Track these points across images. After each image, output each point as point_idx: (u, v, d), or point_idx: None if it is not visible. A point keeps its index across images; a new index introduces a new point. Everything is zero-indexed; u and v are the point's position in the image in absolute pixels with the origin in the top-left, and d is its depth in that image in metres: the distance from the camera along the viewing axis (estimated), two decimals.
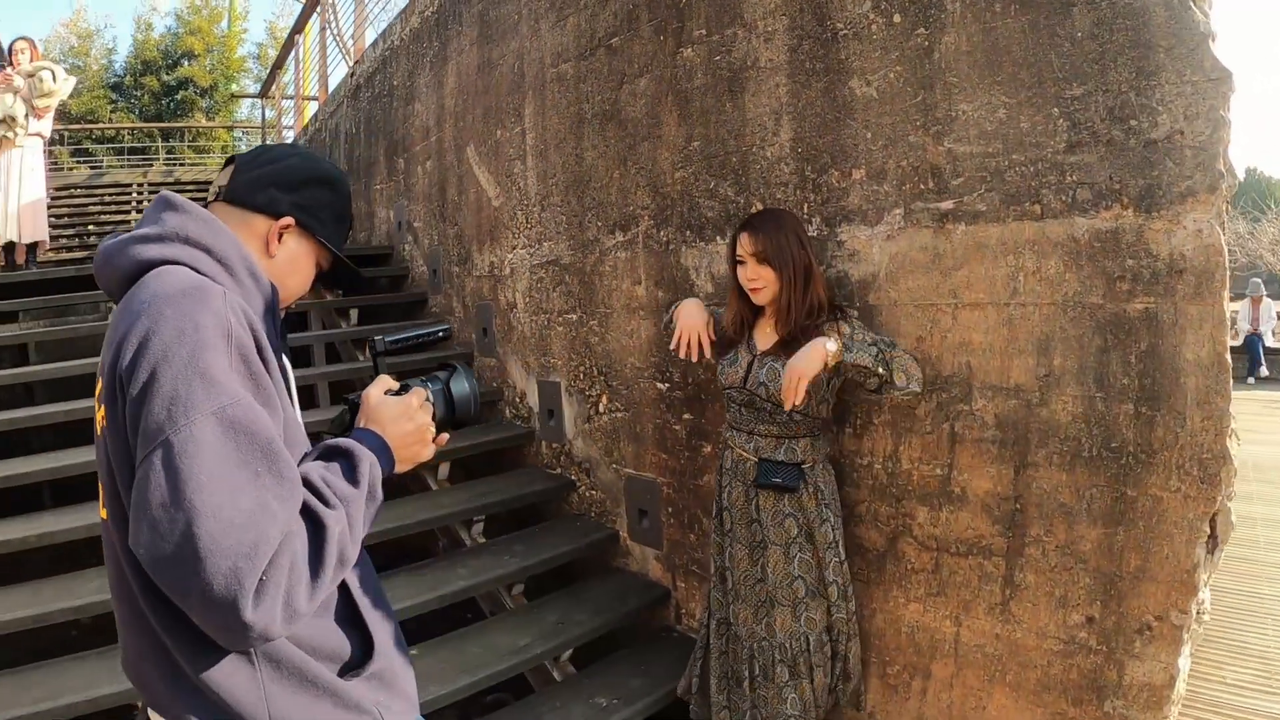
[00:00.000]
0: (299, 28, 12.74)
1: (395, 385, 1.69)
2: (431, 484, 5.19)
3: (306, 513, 1.33)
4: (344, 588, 1.55)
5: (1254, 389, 13.42)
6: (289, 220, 1.61)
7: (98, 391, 1.43)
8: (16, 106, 7.94)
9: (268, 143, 15.10)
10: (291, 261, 1.65)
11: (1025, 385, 2.81)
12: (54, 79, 8.11)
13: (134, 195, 15.77)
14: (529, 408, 5.48)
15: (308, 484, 1.38)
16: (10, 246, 8.00)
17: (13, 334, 5.83)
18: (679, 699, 3.62)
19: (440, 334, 1.98)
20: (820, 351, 2.77)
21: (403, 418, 1.62)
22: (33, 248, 8.17)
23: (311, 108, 12.75)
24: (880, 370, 2.82)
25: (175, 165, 22.60)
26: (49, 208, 8.74)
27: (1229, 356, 2.46)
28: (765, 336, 3.13)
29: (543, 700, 3.74)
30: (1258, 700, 3.81)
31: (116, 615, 1.48)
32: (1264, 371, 14.22)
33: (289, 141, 14.12)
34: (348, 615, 1.56)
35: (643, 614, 4.34)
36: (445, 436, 1.75)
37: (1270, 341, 15.07)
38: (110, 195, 15.74)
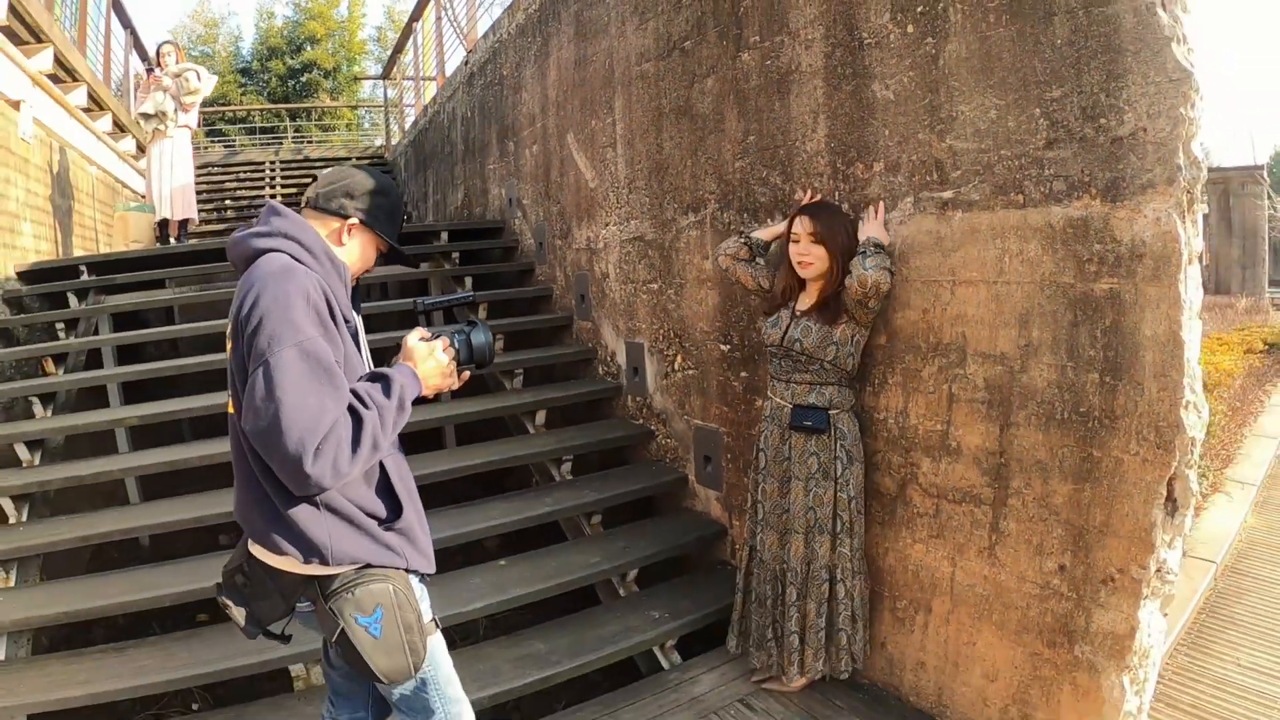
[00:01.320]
0: (417, 15, 13.48)
1: (428, 334, 2.39)
2: (529, 428, 5.92)
3: (352, 411, 2.05)
4: (383, 470, 2.29)
5: None
6: (355, 220, 2.36)
7: (228, 330, 2.14)
8: (166, 103, 8.92)
9: (388, 123, 15.87)
10: (358, 249, 2.40)
11: (1009, 353, 3.21)
12: (198, 78, 9.04)
13: (267, 172, 16.64)
14: (618, 365, 6.08)
15: (355, 394, 2.09)
16: (164, 223, 8.98)
17: (161, 299, 6.89)
18: (717, 618, 4.19)
19: (469, 298, 2.71)
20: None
21: (429, 357, 2.34)
22: (184, 224, 9.13)
23: (430, 88, 13.42)
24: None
25: (303, 143, 23.46)
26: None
27: (1184, 334, 2.74)
28: (802, 303, 3.71)
29: (608, 610, 4.43)
30: (1267, 684, 4.03)
31: (235, 476, 2.26)
32: None
33: (410, 120, 14.86)
34: (385, 488, 2.30)
35: (701, 547, 4.94)
36: (467, 374, 2.48)
37: None
38: (245, 173, 16.60)
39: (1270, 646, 4.39)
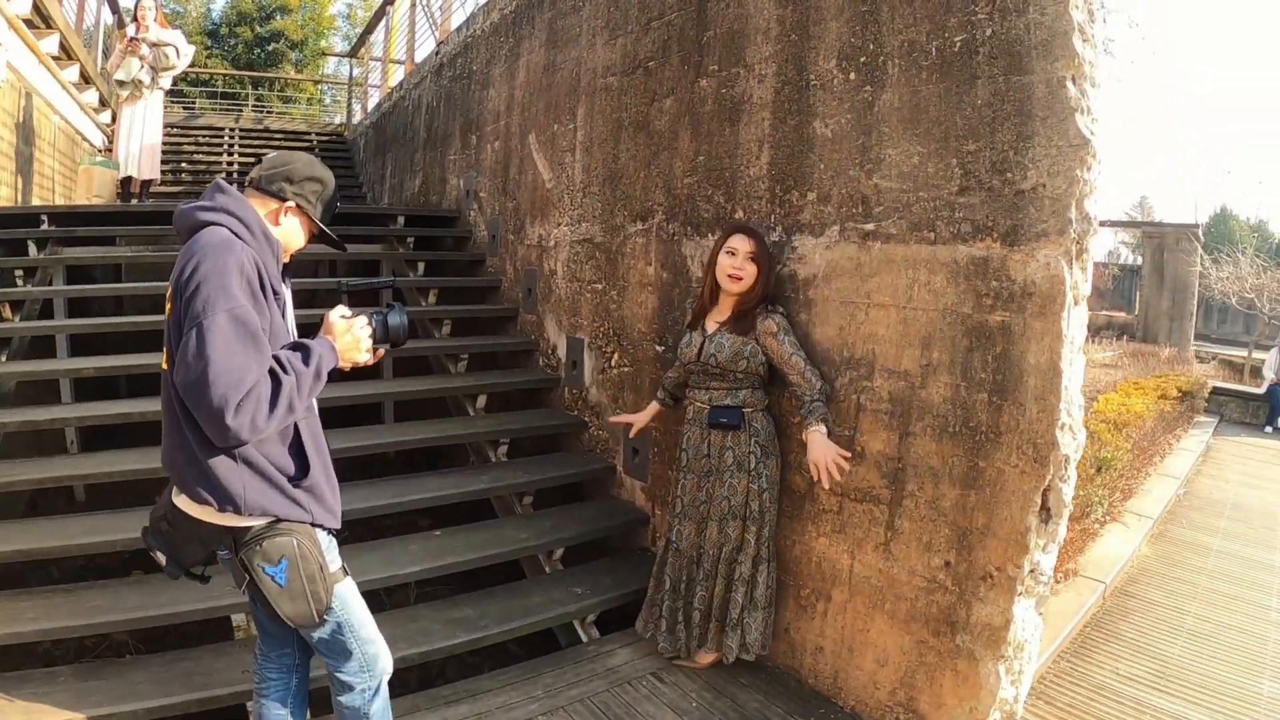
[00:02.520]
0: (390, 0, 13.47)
1: (349, 312, 2.64)
2: (470, 410, 6.20)
3: (272, 374, 2.29)
4: (297, 432, 2.52)
5: (1270, 438, 13.49)
6: (292, 204, 2.59)
7: (168, 293, 2.35)
8: (143, 73, 8.90)
9: (350, 102, 15.88)
10: (291, 230, 2.63)
11: (911, 371, 3.56)
12: (177, 54, 9.01)
13: (226, 138, 16.53)
14: (558, 358, 6.34)
15: (277, 359, 2.33)
16: (127, 181, 9.02)
17: (113, 256, 6.98)
18: (636, 598, 4.48)
19: (391, 283, 2.95)
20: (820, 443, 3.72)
21: (347, 332, 2.60)
22: (146, 184, 9.13)
23: (396, 72, 13.53)
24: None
25: (264, 113, 23.13)
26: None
27: (1063, 365, 3.07)
28: (713, 320, 4.06)
29: (534, 584, 4.72)
30: (1142, 692, 4.39)
31: (164, 427, 2.49)
32: None
33: (373, 101, 14.94)
34: (297, 448, 2.54)
35: (624, 532, 5.25)
36: (381, 351, 2.73)
37: None
38: (204, 137, 16.48)
39: (1147, 660, 4.79)
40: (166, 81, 9.35)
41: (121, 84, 9.03)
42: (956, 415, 3.40)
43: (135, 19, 9.11)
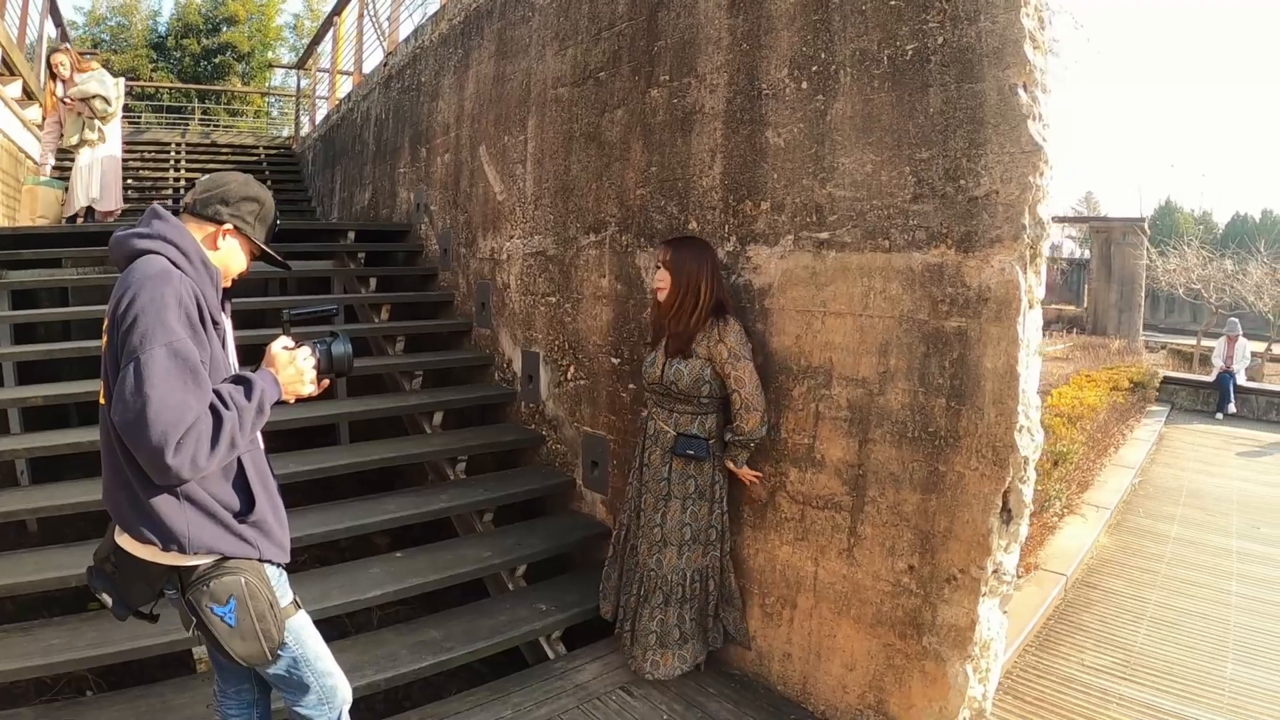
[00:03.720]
0: (338, 9, 13.35)
1: (292, 343, 2.58)
2: (427, 428, 6.15)
3: (213, 409, 2.22)
4: (240, 466, 2.45)
5: (1221, 424, 13.65)
6: (229, 227, 2.54)
7: (105, 324, 2.30)
8: (87, 132, 8.68)
9: (298, 114, 15.70)
10: (231, 253, 2.58)
11: (869, 378, 3.58)
12: (108, 104, 8.74)
13: (172, 154, 16.12)
14: (514, 373, 6.31)
15: (218, 394, 2.26)
16: (90, 211, 8.79)
17: (58, 279, 6.75)
18: (599, 614, 4.46)
19: (333, 311, 2.91)
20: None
21: (289, 364, 2.53)
22: (90, 209, 8.88)
23: (344, 83, 13.31)
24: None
25: (211, 127, 22.76)
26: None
27: (1020, 368, 3.11)
28: (671, 342, 4.01)
29: (498, 602, 4.67)
30: (1109, 681, 4.42)
31: (103, 465, 2.41)
32: (1232, 409, 14.30)
33: (321, 113, 14.77)
34: (241, 483, 2.46)
35: (587, 546, 5.22)
36: (326, 382, 2.68)
37: (1242, 380, 15.06)
38: (150, 152, 16.09)
39: (1111, 650, 4.83)
40: (114, 127, 9.12)
41: (75, 146, 8.81)
42: (915, 421, 3.43)
43: (53, 75, 8.81)
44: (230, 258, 2.58)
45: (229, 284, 2.63)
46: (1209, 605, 5.58)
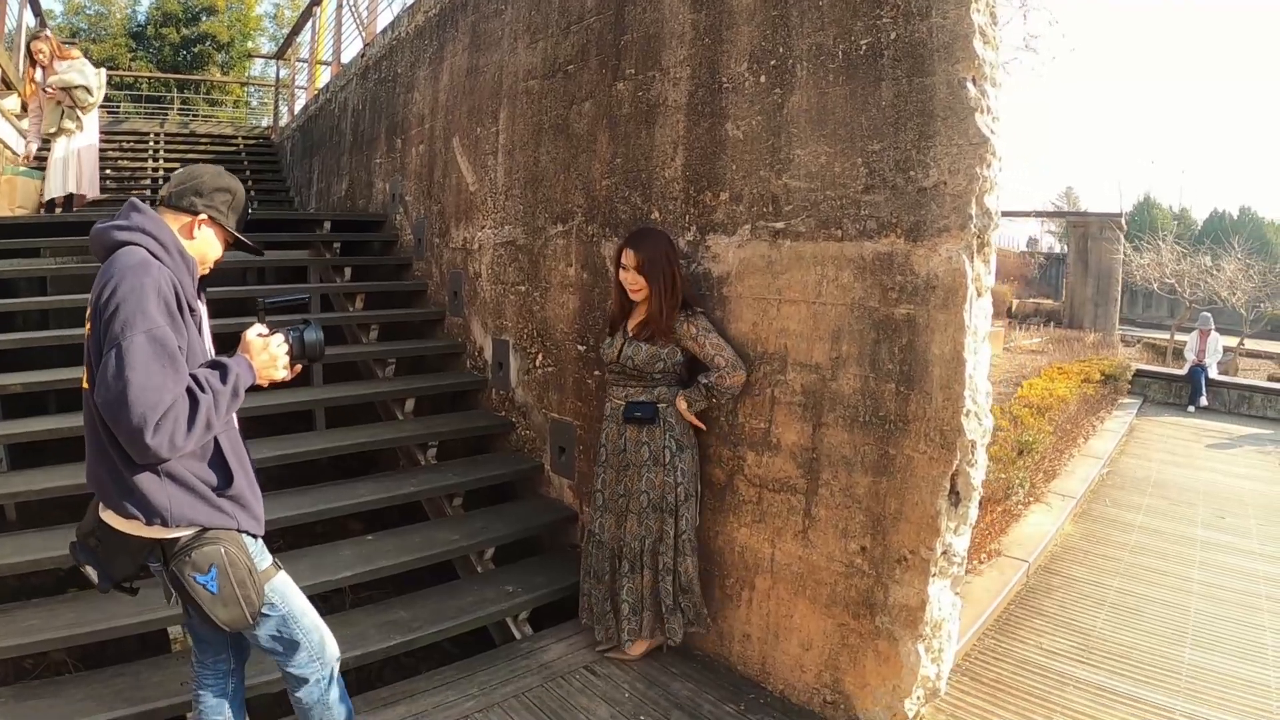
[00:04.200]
0: (317, 0, 13.30)
1: (266, 330, 2.71)
2: (399, 415, 6.21)
3: (190, 393, 2.35)
4: (217, 445, 2.58)
5: (1192, 417, 13.77)
6: (203, 216, 2.66)
7: (88, 313, 2.42)
8: (66, 121, 8.67)
9: (277, 104, 15.65)
10: (207, 241, 2.70)
11: (822, 364, 3.67)
12: (89, 93, 8.74)
13: (151, 143, 16.00)
14: (485, 360, 6.38)
15: (195, 378, 2.39)
16: (70, 197, 8.78)
17: (37, 268, 6.72)
18: (568, 594, 4.56)
19: (305, 299, 3.10)
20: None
21: (263, 350, 2.67)
22: (70, 198, 8.87)
23: (323, 74, 13.30)
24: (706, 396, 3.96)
25: (190, 117, 22.60)
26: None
27: (966, 354, 3.20)
28: (633, 322, 4.13)
29: (467, 583, 4.79)
30: (1066, 665, 4.48)
31: (87, 447, 2.56)
32: (1204, 402, 14.42)
33: (300, 103, 14.74)
34: (218, 460, 2.60)
35: (554, 530, 5.33)
36: (299, 367, 2.81)
37: (1214, 374, 15.21)
38: (129, 142, 15.92)
39: (1070, 634, 4.90)
40: (92, 117, 9.11)
41: (53, 135, 8.80)
42: (866, 405, 3.52)
43: (34, 62, 8.77)
44: (206, 246, 2.70)
45: (205, 272, 2.75)
46: (1170, 592, 5.67)
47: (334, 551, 4.58)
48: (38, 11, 13.31)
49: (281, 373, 2.73)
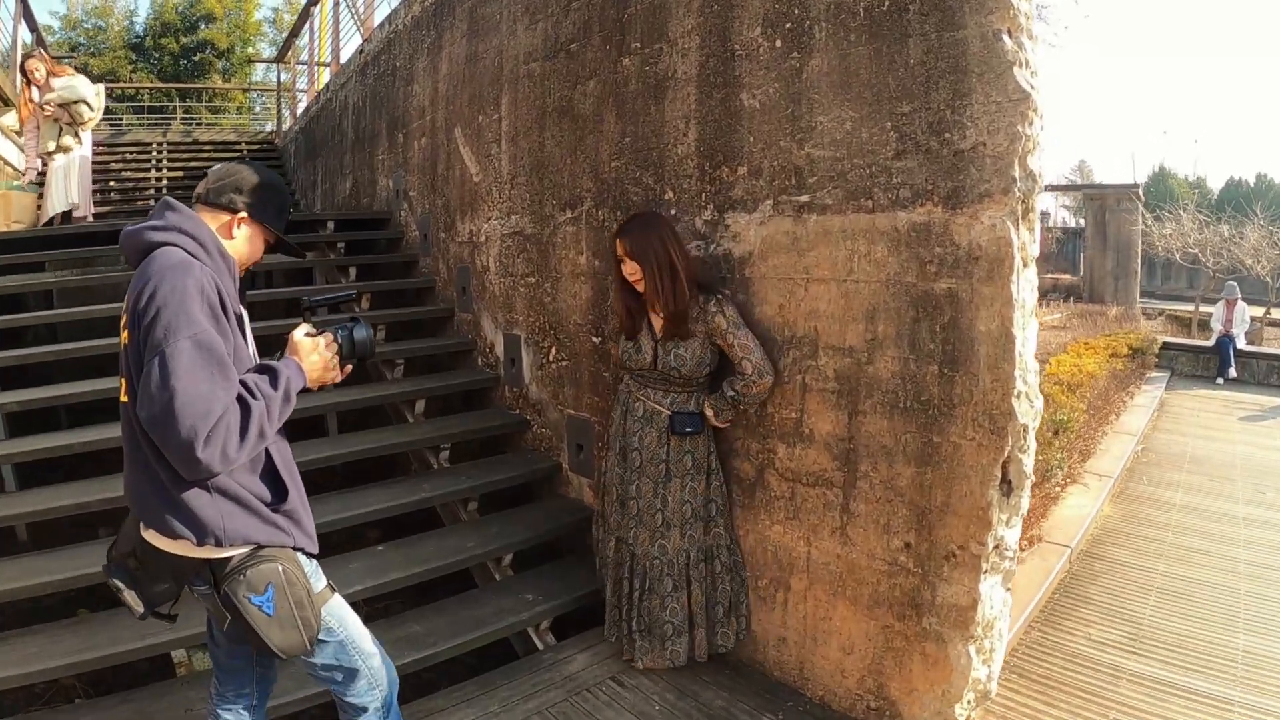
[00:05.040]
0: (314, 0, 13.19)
1: (313, 329, 2.54)
2: (409, 417, 6.02)
3: (241, 400, 2.17)
4: (268, 456, 2.41)
5: (1222, 389, 13.62)
6: (244, 214, 2.50)
7: (123, 321, 2.25)
8: (64, 138, 8.63)
9: (280, 109, 15.65)
10: (247, 241, 2.54)
11: (857, 347, 3.43)
12: (89, 108, 8.70)
13: (154, 154, 16.05)
14: (496, 357, 6.18)
15: (244, 384, 2.22)
16: (68, 214, 8.74)
17: (41, 282, 6.61)
18: (591, 601, 4.35)
19: (352, 295, 2.91)
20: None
21: (313, 351, 2.49)
22: (68, 213, 8.81)
23: (323, 75, 13.19)
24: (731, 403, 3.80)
25: (192, 125, 22.83)
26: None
27: (1015, 330, 2.97)
28: (657, 321, 3.85)
29: (485, 592, 4.58)
30: (1117, 656, 4.30)
31: (127, 462, 2.37)
32: (1233, 373, 14.27)
33: (302, 106, 14.68)
34: (270, 473, 2.42)
35: (574, 532, 5.07)
36: (349, 367, 2.63)
37: (1242, 344, 15.05)
38: (132, 153, 16.01)
39: (1119, 623, 4.69)
40: (88, 134, 9.03)
41: (50, 153, 8.71)
42: (907, 390, 3.29)
43: (29, 82, 8.69)
44: (246, 246, 2.56)
45: (243, 273, 2.61)
46: (1218, 574, 5.48)
47: (344, 565, 4.35)
48: (34, 27, 13.27)
49: (333, 374, 2.58)
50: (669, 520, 3.86)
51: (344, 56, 11.44)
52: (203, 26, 30.95)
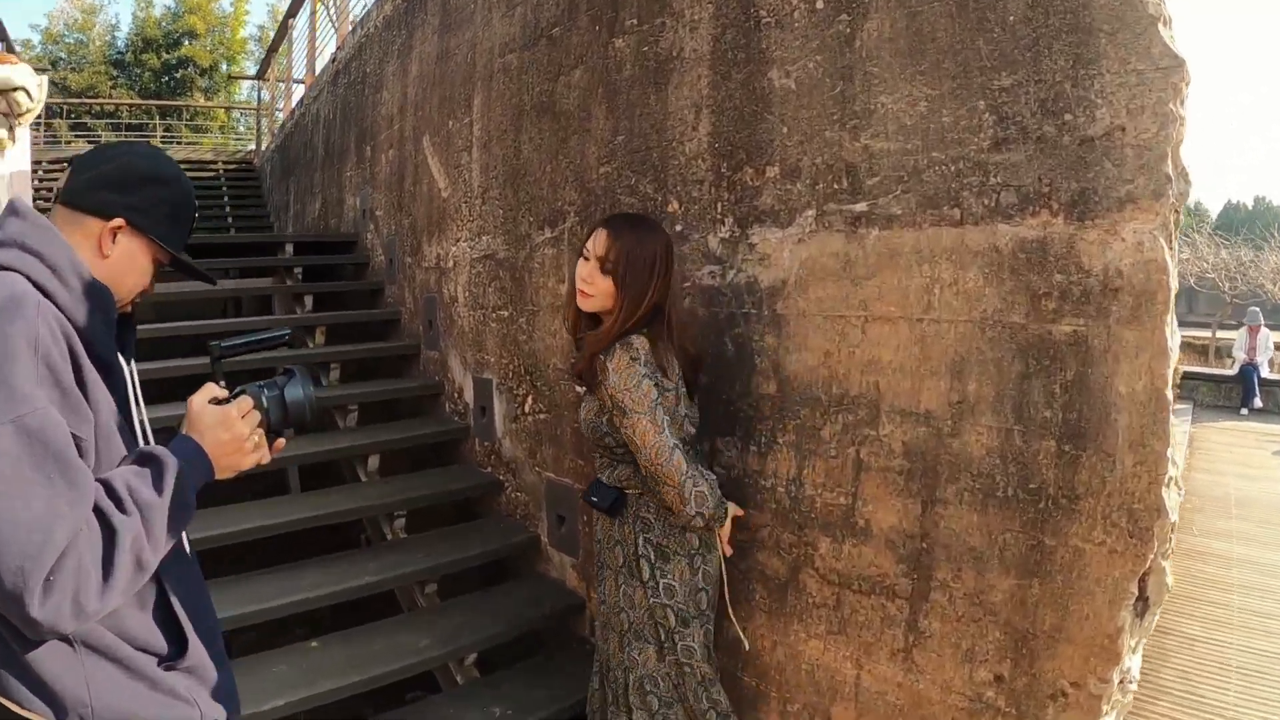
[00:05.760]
0: (293, 10, 13.00)
1: (222, 393, 1.74)
2: (361, 475, 5.20)
3: (101, 517, 1.42)
4: (161, 590, 1.66)
5: (1246, 420, 13.37)
6: (120, 221, 1.69)
7: None
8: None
9: (260, 127, 15.20)
10: (127, 260, 1.72)
11: (936, 411, 2.63)
12: (30, 96, 7.97)
13: None
14: (465, 403, 5.43)
15: (110, 490, 1.47)
16: None
17: None
18: (578, 711, 3.45)
19: (284, 337, 1.96)
20: None
21: (219, 426, 1.69)
22: None
23: (300, 89, 12.87)
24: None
25: (172, 143, 23.05)
26: (41, 181, 8.67)
27: (1169, 393, 2.20)
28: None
29: (445, 702, 3.76)
30: None
31: None
32: (1258, 403, 14.06)
33: (279, 121, 14.41)
34: (163, 613, 1.66)
35: (555, 622, 4.30)
36: (282, 441, 1.85)
37: (1266, 373, 14.89)
38: None
39: (1206, 715, 4.17)
40: (25, 132, 8.29)
41: None
42: (1008, 473, 2.46)
43: None
44: (124, 267, 1.74)
45: (128, 308, 1.82)
46: None
47: (265, 667, 3.52)
48: (3, 37, 12.83)
49: (253, 456, 1.76)
50: (612, 623, 2.96)
51: (319, 66, 11.00)
52: (186, 43, 31.24)
